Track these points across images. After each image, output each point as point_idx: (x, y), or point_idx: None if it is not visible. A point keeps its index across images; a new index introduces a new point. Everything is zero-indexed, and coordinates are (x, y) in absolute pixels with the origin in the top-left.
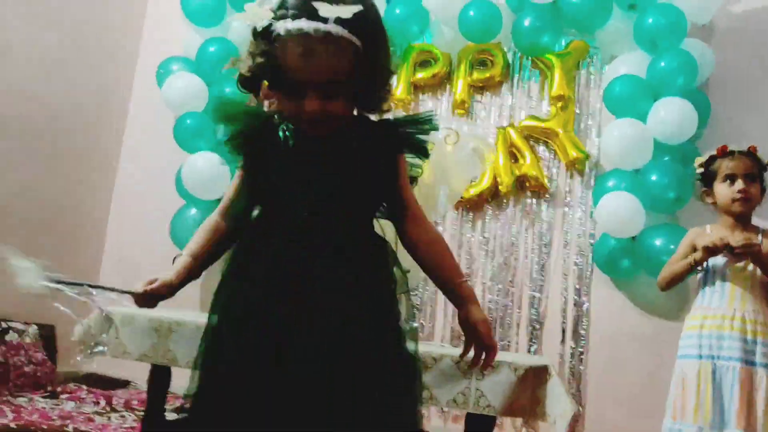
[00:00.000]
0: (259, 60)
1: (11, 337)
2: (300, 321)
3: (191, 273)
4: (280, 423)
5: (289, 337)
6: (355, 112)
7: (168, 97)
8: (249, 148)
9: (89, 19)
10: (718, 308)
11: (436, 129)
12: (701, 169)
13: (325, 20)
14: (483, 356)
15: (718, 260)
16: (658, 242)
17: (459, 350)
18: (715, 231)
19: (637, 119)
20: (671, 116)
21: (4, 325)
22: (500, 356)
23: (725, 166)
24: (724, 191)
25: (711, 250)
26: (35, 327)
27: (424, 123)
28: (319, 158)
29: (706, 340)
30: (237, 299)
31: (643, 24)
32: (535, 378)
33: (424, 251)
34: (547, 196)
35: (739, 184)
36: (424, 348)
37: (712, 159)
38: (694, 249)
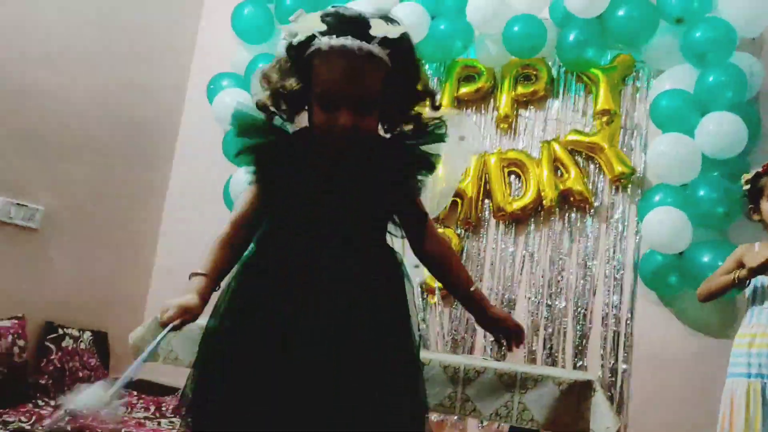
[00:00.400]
0: (289, 79)
1: (67, 343)
2: (306, 310)
3: (210, 293)
4: (285, 411)
5: (296, 325)
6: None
7: (218, 112)
8: (265, 163)
9: (144, 37)
10: None
11: (443, 140)
12: (747, 186)
13: (367, 39)
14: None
15: (767, 279)
16: (706, 258)
17: (501, 364)
18: (764, 248)
19: (685, 134)
20: (720, 131)
21: (60, 331)
22: (545, 371)
23: None
24: None
25: (757, 271)
26: (89, 333)
27: (434, 135)
28: (336, 176)
29: (755, 359)
30: (243, 294)
31: (691, 38)
32: (579, 393)
33: (440, 263)
34: (591, 210)
35: None
36: (466, 361)
37: (758, 176)
38: (741, 265)
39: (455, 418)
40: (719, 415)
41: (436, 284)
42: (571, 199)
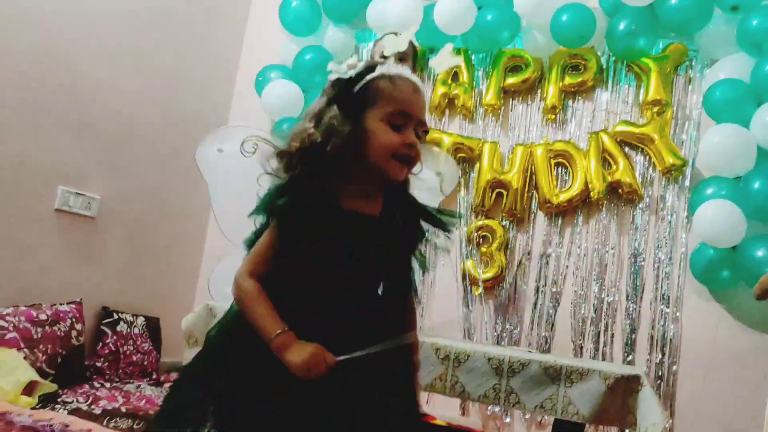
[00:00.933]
0: (336, 117)
1: (121, 327)
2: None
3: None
4: None
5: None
6: None
7: (266, 103)
8: (300, 221)
9: (194, 31)
10: None
11: (450, 230)
12: None
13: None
14: None
15: None
16: (760, 253)
17: (546, 357)
18: None
19: (740, 125)
20: None
21: (115, 316)
22: (590, 364)
23: None
24: None
25: None
26: (143, 319)
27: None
28: (368, 239)
29: None
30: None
31: (748, 26)
32: (626, 387)
33: (408, 319)
34: (640, 203)
35: None
36: (511, 353)
37: None
38: None
39: (497, 409)
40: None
41: (480, 274)
42: (620, 191)
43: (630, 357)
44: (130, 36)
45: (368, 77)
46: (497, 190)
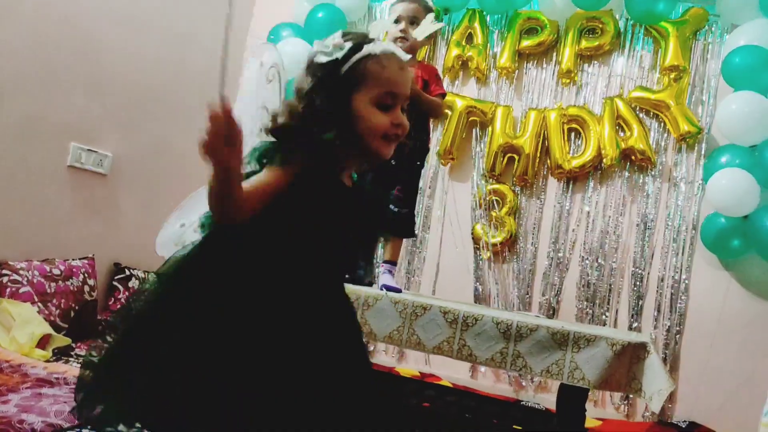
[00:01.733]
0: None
1: (133, 283)
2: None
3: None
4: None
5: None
6: None
7: None
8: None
9: None
10: None
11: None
12: None
13: None
14: None
15: None
16: None
17: (554, 322)
18: None
19: (758, 93)
20: None
21: (127, 272)
22: (598, 331)
23: None
24: None
25: None
26: (154, 275)
27: None
28: (356, 212)
29: None
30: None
31: None
32: (632, 354)
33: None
34: (653, 170)
35: None
36: (519, 318)
37: None
38: None
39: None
40: None
41: (489, 239)
42: (633, 157)
43: (636, 324)
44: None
45: (355, 58)
46: (509, 154)
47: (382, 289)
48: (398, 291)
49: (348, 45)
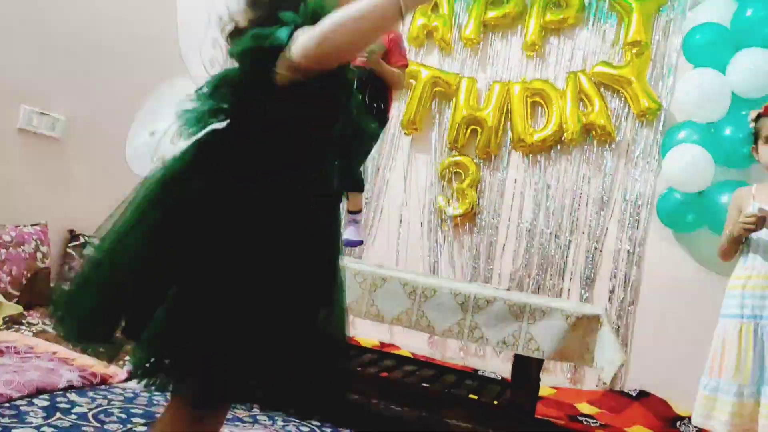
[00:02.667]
0: None
1: (88, 251)
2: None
3: None
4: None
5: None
6: None
7: None
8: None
9: None
10: (762, 267)
11: None
12: (752, 125)
13: None
14: None
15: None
16: (725, 199)
17: (512, 294)
18: (760, 191)
19: (717, 70)
20: (753, 68)
21: (81, 239)
22: (553, 303)
23: (766, 127)
24: (764, 153)
25: (749, 230)
26: None
27: None
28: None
29: (749, 300)
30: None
31: None
32: (586, 326)
33: None
34: (612, 145)
35: None
36: (477, 290)
37: (758, 117)
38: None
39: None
40: (710, 354)
41: (450, 212)
42: (593, 132)
43: (587, 294)
44: None
45: None
46: (472, 126)
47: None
48: (359, 243)
49: None
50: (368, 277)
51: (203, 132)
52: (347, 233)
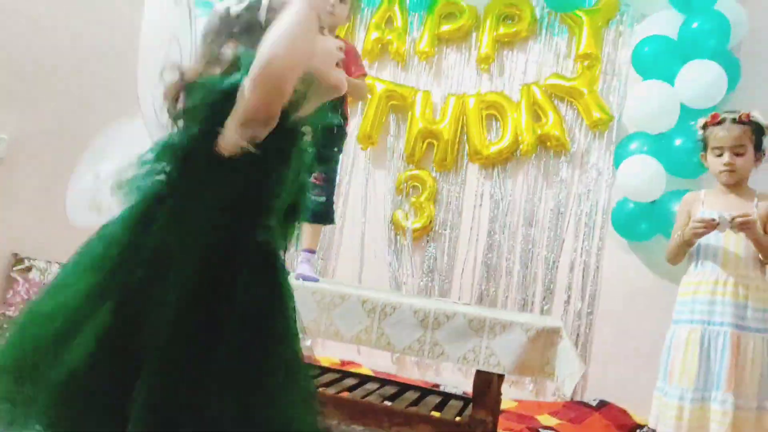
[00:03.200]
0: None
1: (34, 275)
2: None
3: None
4: None
5: None
6: None
7: None
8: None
9: None
10: (711, 274)
11: None
12: (701, 132)
13: None
14: None
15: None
16: (677, 207)
17: (471, 309)
18: (709, 197)
19: (666, 81)
20: (700, 79)
21: (27, 263)
22: (513, 317)
23: (713, 136)
24: (712, 162)
25: (700, 234)
26: (57, 266)
27: None
28: None
29: (698, 306)
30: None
31: None
32: (546, 339)
33: None
34: (567, 156)
35: (725, 157)
36: (436, 306)
37: (704, 126)
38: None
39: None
40: (661, 360)
41: (409, 224)
42: (548, 143)
43: (547, 305)
44: None
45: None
46: (428, 140)
47: (298, 279)
48: (315, 281)
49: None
50: (326, 295)
51: (141, 198)
52: (301, 268)
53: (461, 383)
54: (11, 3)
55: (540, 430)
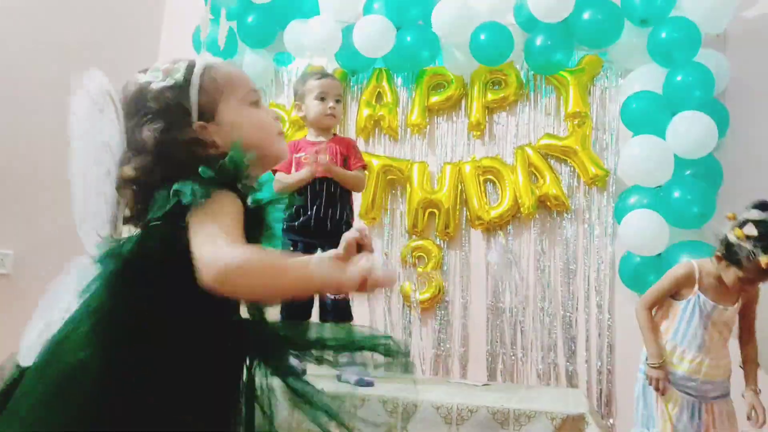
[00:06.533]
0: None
1: None
2: None
3: None
4: None
5: None
6: None
7: None
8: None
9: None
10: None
11: None
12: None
13: None
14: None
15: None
16: (685, 258)
17: (493, 400)
18: (702, 269)
19: (656, 135)
20: (691, 131)
21: None
22: (536, 405)
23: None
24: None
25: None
26: None
27: None
28: None
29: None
30: None
31: (657, 39)
32: (572, 426)
33: None
34: (569, 214)
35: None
36: (458, 400)
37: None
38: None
39: None
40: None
41: (416, 295)
42: (548, 203)
43: (571, 367)
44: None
45: (198, 73)
46: (429, 209)
47: (355, 384)
48: (371, 385)
49: (183, 64)
50: (346, 399)
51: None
52: (352, 373)
53: None
54: (10, 115)
55: None
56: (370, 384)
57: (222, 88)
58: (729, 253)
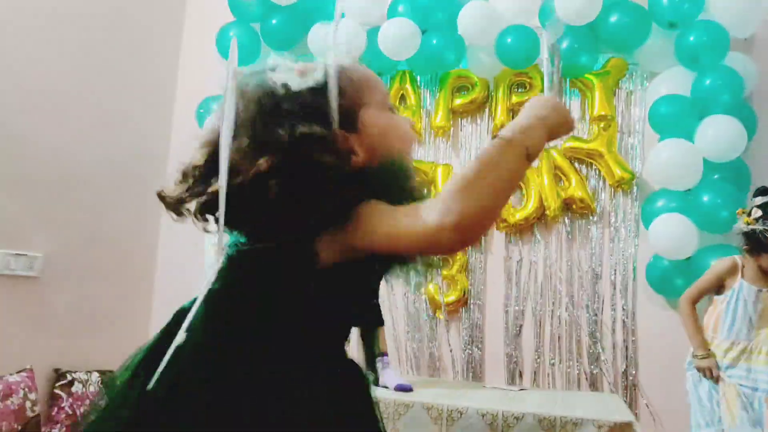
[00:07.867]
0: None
1: (76, 388)
2: None
3: None
4: None
5: None
6: None
7: None
8: None
9: (123, 67)
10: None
11: None
12: (753, 226)
13: None
14: None
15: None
16: (713, 261)
17: (539, 406)
18: (748, 266)
19: (684, 138)
20: (720, 135)
21: (69, 377)
22: (580, 412)
23: None
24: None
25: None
26: (97, 375)
27: None
28: None
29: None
30: None
31: (685, 42)
32: None
33: None
34: (594, 217)
35: None
36: (503, 407)
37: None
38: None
39: None
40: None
41: (443, 299)
42: (573, 206)
43: (596, 370)
44: (60, 84)
45: (335, 74)
46: None
47: (394, 390)
48: (410, 389)
49: (320, 65)
50: (389, 404)
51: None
52: (391, 378)
53: None
54: (34, 125)
55: None
56: (408, 389)
57: (361, 92)
58: (750, 242)
